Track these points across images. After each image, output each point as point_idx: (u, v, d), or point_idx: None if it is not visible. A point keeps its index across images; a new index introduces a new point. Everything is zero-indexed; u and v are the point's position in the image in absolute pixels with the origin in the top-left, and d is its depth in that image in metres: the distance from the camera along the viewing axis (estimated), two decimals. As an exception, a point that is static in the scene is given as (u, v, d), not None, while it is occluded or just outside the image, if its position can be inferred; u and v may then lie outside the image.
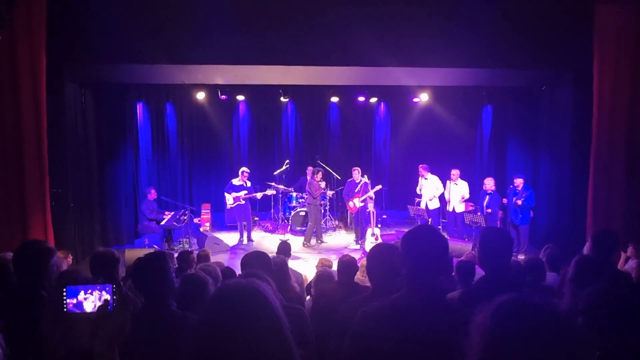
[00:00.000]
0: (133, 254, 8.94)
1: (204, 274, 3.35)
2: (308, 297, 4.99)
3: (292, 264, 5.86)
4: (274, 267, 3.35)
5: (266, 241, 10.89)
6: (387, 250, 2.75)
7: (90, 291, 1.95)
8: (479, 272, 4.36)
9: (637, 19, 7.85)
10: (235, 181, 10.71)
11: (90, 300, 1.95)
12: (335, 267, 5.91)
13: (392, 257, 2.63)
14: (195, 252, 7.20)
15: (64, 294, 1.95)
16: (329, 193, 11.80)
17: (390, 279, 2.56)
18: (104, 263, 3.42)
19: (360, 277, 5.03)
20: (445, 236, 10.16)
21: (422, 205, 10.55)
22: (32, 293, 2.87)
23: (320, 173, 10.47)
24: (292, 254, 6.95)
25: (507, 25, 8.08)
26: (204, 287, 3.12)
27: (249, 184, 10.75)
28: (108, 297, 1.91)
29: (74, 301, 1.94)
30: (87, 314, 1.93)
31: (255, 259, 3.22)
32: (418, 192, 10.88)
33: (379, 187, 10.39)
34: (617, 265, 4.16)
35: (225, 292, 1.62)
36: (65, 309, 1.95)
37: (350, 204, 10.47)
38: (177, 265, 5.47)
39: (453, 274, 4.62)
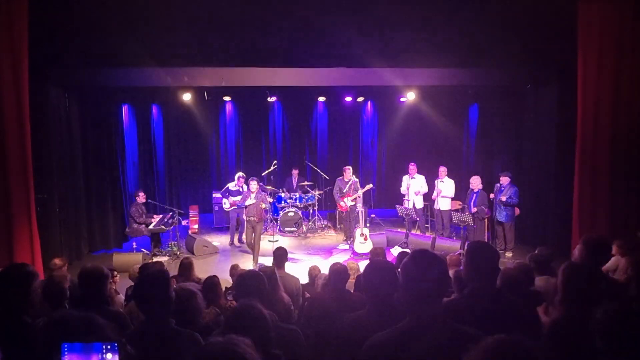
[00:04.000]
0: (121, 257, 8.90)
1: (189, 286, 3.32)
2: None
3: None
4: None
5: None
6: (383, 267, 2.75)
7: (92, 347, 1.90)
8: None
9: (619, 15, 7.93)
10: (232, 186, 10.73)
11: (90, 357, 1.90)
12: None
13: (388, 275, 2.64)
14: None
15: (65, 350, 1.88)
16: (316, 193, 11.81)
17: (387, 295, 2.56)
18: (92, 280, 3.36)
19: (352, 280, 5.04)
20: (434, 235, 10.22)
21: (410, 205, 10.58)
22: (15, 319, 2.81)
23: (253, 181, 9.42)
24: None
25: (491, 25, 8.13)
26: (191, 299, 3.11)
27: (245, 188, 10.69)
28: (110, 355, 1.88)
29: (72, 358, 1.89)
30: None
31: (250, 286, 3.16)
32: (403, 191, 10.90)
33: (369, 186, 10.40)
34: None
35: (204, 357, 1.57)
36: None
37: (342, 203, 10.47)
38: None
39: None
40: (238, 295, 3.09)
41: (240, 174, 10.78)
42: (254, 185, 9.30)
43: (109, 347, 1.89)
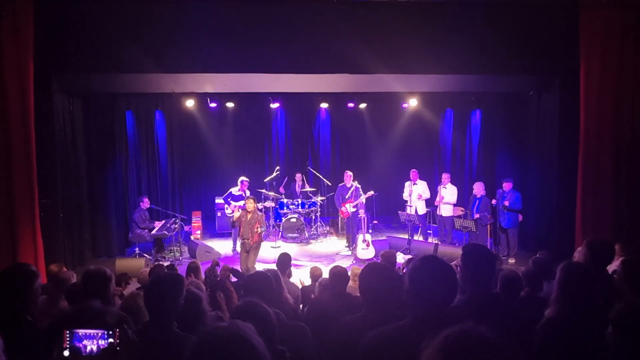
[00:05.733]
0: (123, 263, 8.92)
1: (196, 290, 3.33)
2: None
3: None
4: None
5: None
6: (380, 270, 2.74)
7: (94, 334, 1.92)
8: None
9: (622, 22, 7.96)
10: (235, 190, 10.68)
11: (93, 343, 1.91)
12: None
13: (385, 277, 2.63)
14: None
15: (67, 337, 1.90)
16: (319, 199, 11.82)
17: (383, 298, 2.56)
18: (96, 282, 3.38)
19: (353, 284, 5.04)
20: (436, 242, 10.20)
21: (412, 211, 10.58)
22: (18, 318, 2.82)
23: (249, 201, 8.44)
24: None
25: (494, 32, 8.16)
26: (198, 303, 3.12)
27: (248, 193, 10.66)
28: (112, 340, 1.90)
29: (76, 345, 1.91)
30: (89, 357, 1.91)
31: (258, 287, 3.17)
32: (405, 197, 10.90)
33: (371, 192, 10.40)
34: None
35: (209, 341, 1.52)
36: (66, 352, 1.90)
37: (343, 209, 10.47)
38: None
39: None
40: (246, 296, 3.10)
41: (243, 178, 10.76)
42: (250, 204, 8.29)
43: (110, 333, 1.92)
